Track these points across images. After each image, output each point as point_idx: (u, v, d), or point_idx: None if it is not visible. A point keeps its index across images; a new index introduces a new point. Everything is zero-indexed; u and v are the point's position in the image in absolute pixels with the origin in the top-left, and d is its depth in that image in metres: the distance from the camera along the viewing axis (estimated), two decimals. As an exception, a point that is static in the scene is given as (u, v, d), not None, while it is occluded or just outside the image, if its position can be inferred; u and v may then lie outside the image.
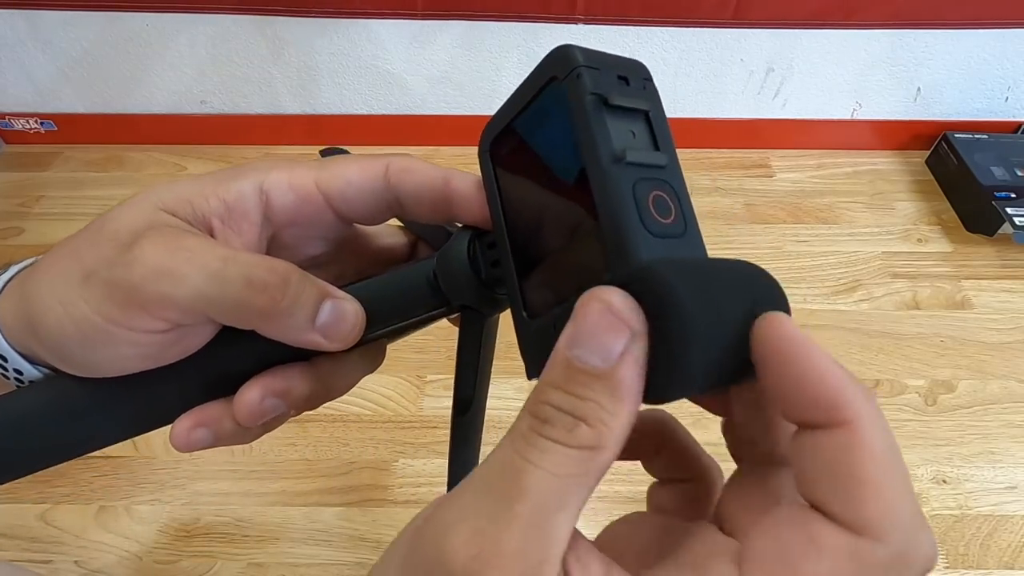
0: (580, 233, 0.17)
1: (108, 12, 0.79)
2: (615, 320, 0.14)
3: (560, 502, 0.14)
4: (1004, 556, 0.54)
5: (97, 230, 0.19)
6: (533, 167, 0.19)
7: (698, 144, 0.93)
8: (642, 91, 0.18)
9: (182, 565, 0.53)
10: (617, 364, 0.14)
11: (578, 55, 0.17)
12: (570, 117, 0.17)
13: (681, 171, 0.18)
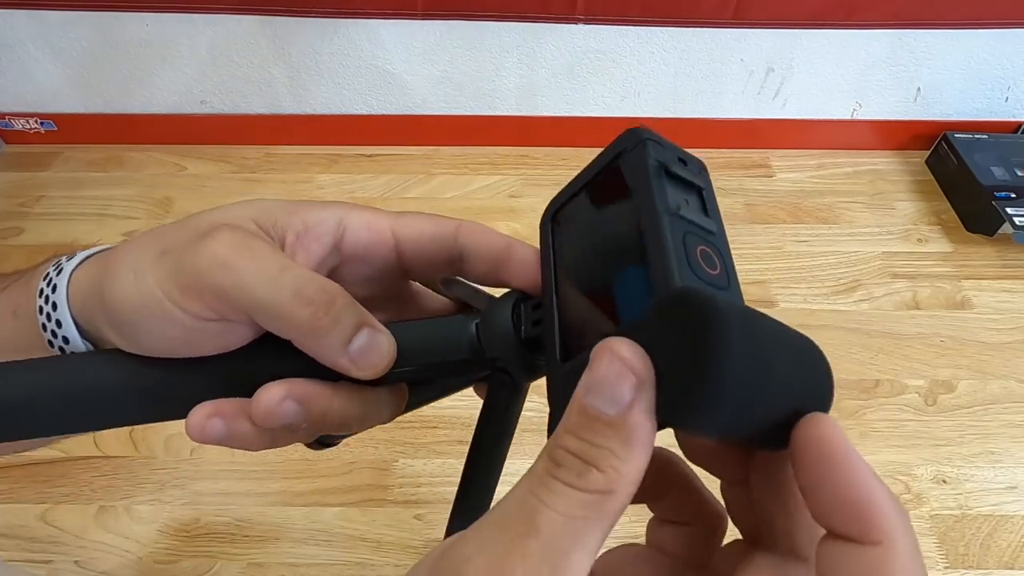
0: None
1: (108, 12, 0.79)
2: (623, 368, 0.15)
3: (573, 542, 0.15)
4: (1004, 556, 0.54)
5: (186, 219, 0.21)
6: (593, 230, 0.21)
7: (698, 144, 0.93)
8: (698, 173, 0.20)
9: (182, 565, 0.53)
10: (627, 411, 0.15)
11: (646, 132, 0.19)
12: (633, 179, 0.19)
13: (729, 247, 0.19)
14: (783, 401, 0.15)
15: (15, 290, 0.24)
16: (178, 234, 0.21)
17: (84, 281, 0.22)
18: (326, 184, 0.87)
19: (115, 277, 0.20)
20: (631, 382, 0.15)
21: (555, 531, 0.15)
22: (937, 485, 0.58)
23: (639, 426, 0.15)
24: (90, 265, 0.22)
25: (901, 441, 0.61)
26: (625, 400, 0.15)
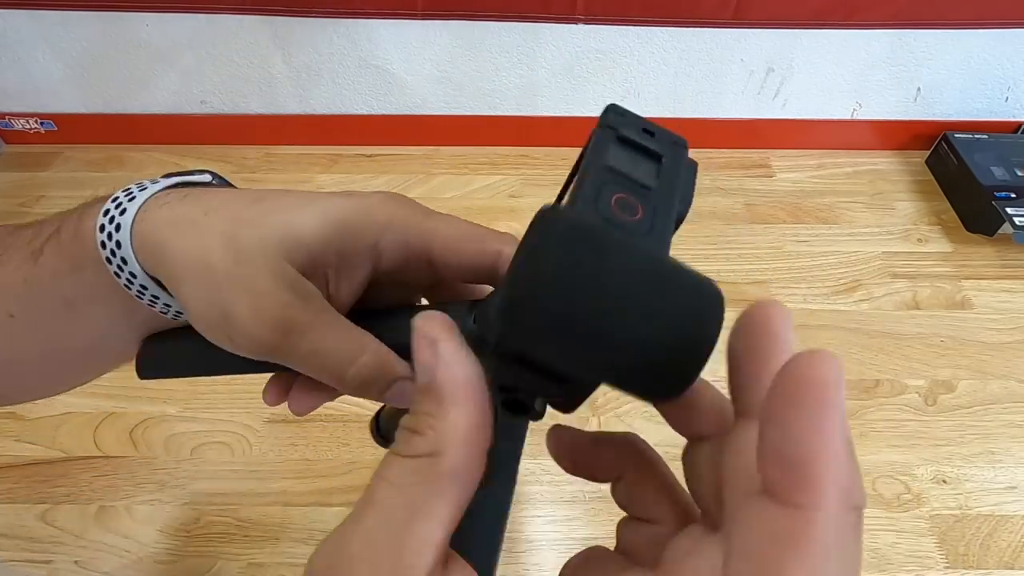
0: None
1: (108, 12, 0.79)
2: (423, 339, 0.16)
3: (412, 511, 0.15)
4: (1004, 556, 0.54)
5: (233, 267, 0.22)
6: None
7: (698, 144, 0.93)
8: (667, 144, 0.19)
9: (182, 565, 0.53)
10: (433, 373, 0.15)
11: (613, 106, 0.19)
12: (587, 146, 0.18)
13: (672, 206, 0.18)
14: (643, 333, 0.14)
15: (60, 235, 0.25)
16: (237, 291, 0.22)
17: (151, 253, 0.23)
18: (326, 184, 0.87)
19: (183, 294, 0.22)
20: (431, 348, 0.16)
21: (391, 502, 0.15)
22: (937, 485, 0.58)
23: (446, 382, 0.15)
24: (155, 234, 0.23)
25: (901, 441, 0.61)
26: (430, 366, 0.15)
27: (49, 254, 0.25)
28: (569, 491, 0.57)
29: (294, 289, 0.22)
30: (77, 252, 0.24)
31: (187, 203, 0.23)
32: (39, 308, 0.25)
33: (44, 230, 0.25)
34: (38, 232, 0.25)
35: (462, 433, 0.15)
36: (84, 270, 0.24)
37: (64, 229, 0.25)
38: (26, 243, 0.25)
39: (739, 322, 0.16)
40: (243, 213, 0.22)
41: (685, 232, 0.76)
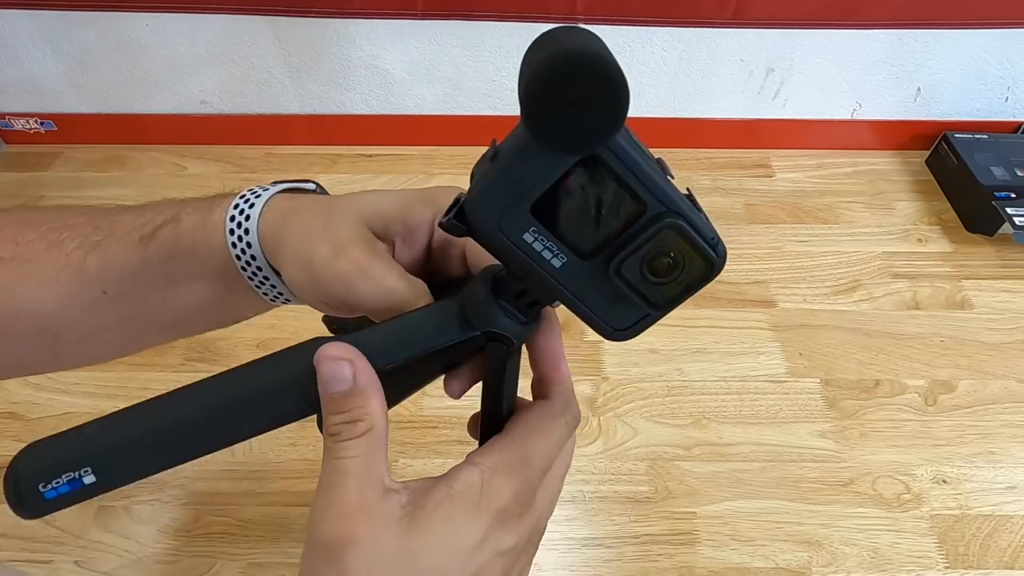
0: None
1: (108, 12, 0.79)
2: (336, 363, 0.23)
3: (372, 466, 0.23)
4: (1004, 556, 0.54)
5: (325, 225, 0.28)
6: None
7: (698, 144, 0.93)
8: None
9: (182, 565, 0.53)
10: (355, 377, 0.23)
11: None
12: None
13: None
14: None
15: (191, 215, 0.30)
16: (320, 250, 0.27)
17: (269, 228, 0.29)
18: (326, 184, 0.87)
19: (284, 259, 0.29)
20: (347, 364, 0.23)
21: (360, 467, 0.23)
22: (937, 485, 0.58)
23: (365, 383, 0.23)
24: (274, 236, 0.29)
25: (901, 441, 0.61)
26: (348, 375, 0.23)
27: (164, 238, 0.29)
28: (569, 491, 0.57)
29: (367, 241, 0.28)
30: (200, 239, 0.29)
31: (298, 199, 0.30)
32: (140, 286, 0.30)
33: (155, 218, 0.30)
34: (147, 219, 0.30)
35: (380, 410, 0.23)
36: (199, 255, 0.30)
37: (185, 219, 0.30)
38: (133, 229, 0.30)
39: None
40: (337, 199, 0.29)
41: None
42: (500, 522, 0.23)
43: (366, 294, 0.27)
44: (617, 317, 0.24)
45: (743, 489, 0.58)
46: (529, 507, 0.25)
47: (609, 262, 0.22)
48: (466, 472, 0.24)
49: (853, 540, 0.55)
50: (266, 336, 0.67)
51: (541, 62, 0.19)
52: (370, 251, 0.28)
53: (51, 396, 0.63)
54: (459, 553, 0.23)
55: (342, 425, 0.23)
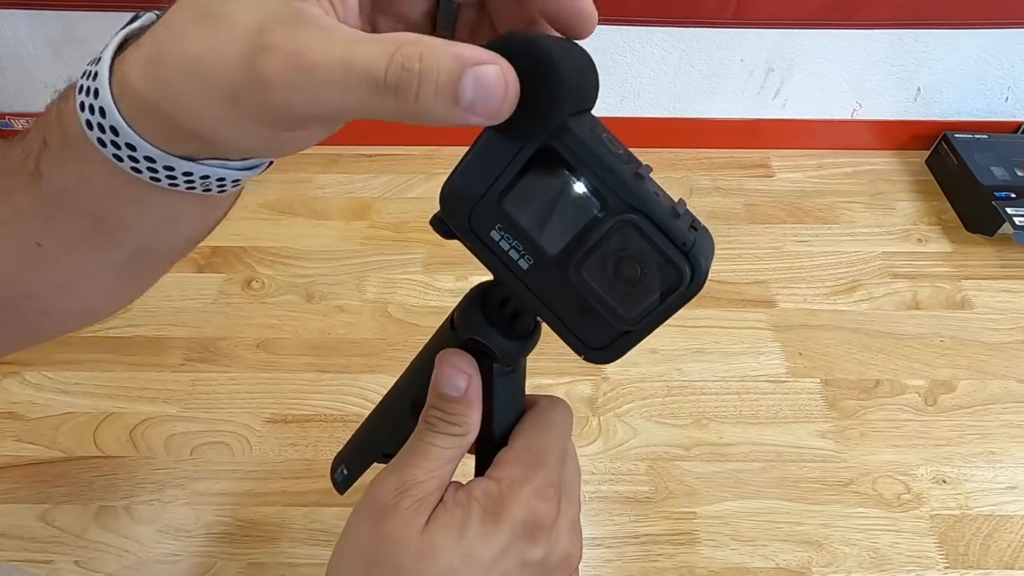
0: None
1: (108, 12, 0.79)
2: (456, 372, 0.25)
3: (448, 462, 0.26)
4: (1004, 556, 0.54)
5: (215, 30, 0.18)
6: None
7: (698, 144, 0.93)
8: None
9: (182, 565, 0.53)
10: (467, 391, 0.25)
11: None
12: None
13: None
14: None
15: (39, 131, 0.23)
16: (225, 57, 0.18)
17: (144, 116, 0.20)
18: (326, 184, 0.87)
19: (189, 114, 0.19)
20: (464, 376, 0.25)
21: (437, 456, 0.25)
22: (937, 485, 0.58)
23: (474, 397, 0.26)
24: (137, 82, 0.20)
25: (901, 441, 0.61)
26: (463, 386, 0.25)
27: (47, 169, 0.22)
28: (569, 491, 0.57)
29: (286, 15, 0.18)
30: (74, 154, 0.22)
31: (144, 45, 0.21)
32: (65, 230, 0.24)
33: (32, 147, 0.23)
34: (27, 151, 0.23)
35: (476, 423, 0.26)
36: (87, 175, 0.22)
37: (50, 136, 0.22)
38: (20, 166, 0.23)
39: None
40: (205, 3, 0.19)
41: (685, 232, 0.73)
42: (525, 533, 0.24)
43: (327, 99, 0.19)
44: (591, 334, 0.22)
45: (743, 489, 0.58)
46: (554, 511, 0.25)
47: (576, 265, 0.21)
48: (485, 483, 0.25)
49: (853, 540, 0.55)
50: (266, 336, 0.67)
51: (502, 40, 0.19)
52: (299, 32, 0.18)
53: (51, 396, 0.63)
54: (478, 561, 0.23)
55: (440, 421, 0.26)
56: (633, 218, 0.19)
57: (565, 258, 0.21)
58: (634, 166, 0.21)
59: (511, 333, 0.25)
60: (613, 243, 0.20)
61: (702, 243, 0.20)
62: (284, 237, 0.80)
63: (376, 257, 0.78)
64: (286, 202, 0.85)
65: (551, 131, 0.19)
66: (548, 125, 0.19)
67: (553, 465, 0.25)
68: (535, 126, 0.19)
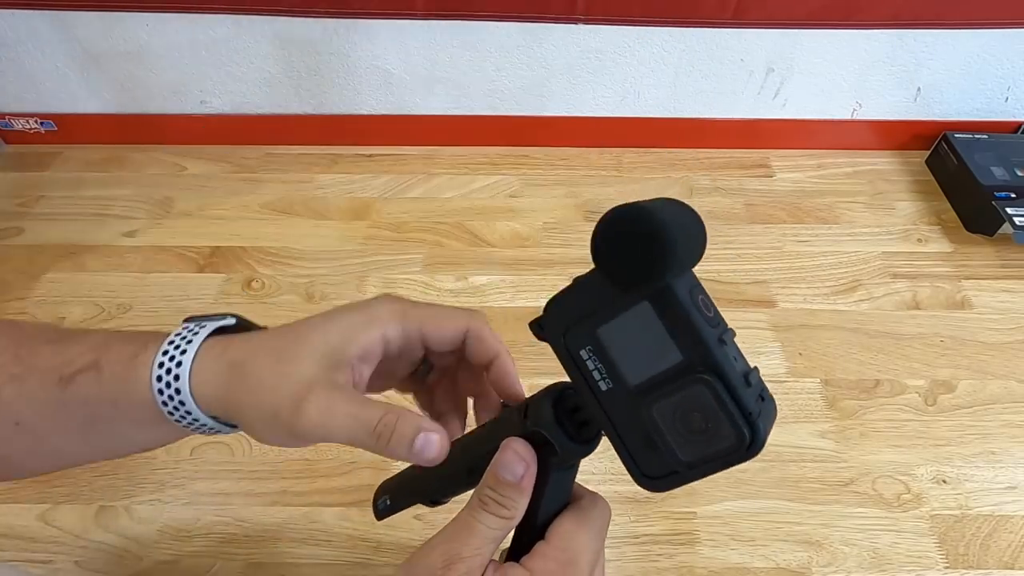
0: None
1: (108, 12, 0.79)
2: (517, 457, 0.28)
3: (491, 541, 0.27)
4: (1004, 556, 0.54)
5: (283, 375, 0.28)
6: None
7: (698, 144, 0.93)
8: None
9: (182, 565, 0.53)
10: (521, 480, 0.28)
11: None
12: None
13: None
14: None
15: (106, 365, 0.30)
16: (279, 399, 0.28)
17: (213, 399, 0.29)
18: (326, 184, 0.87)
19: (248, 426, 0.29)
20: (523, 465, 0.28)
21: (484, 535, 0.27)
22: (937, 485, 0.58)
23: (527, 487, 0.28)
24: (214, 379, 0.29)
25: (901, 441, 0.61)
26: (520, 473, 0.28)
27: (84, 384, 0.29)
28: None
29: (326, 384, 0.28)
30: (121, 392, 0.29)
31: (230, 348, 0.30)
32: (55, 423, 0.30)
33: (75, 360, 0.30)
34: (67, 360, 0.30)
35: (523, 509, 0.28)
36: (120, 405, 0.30)
37: (106, 369, 0.29)
38: (52, 367, 0.30)
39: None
40: (280, 341, 0.30)
41: (685, 232, 0.73)
42: None
43: (338, 433, 0.28)
44: (649, 463, 0.25)
45: (743, 489, 0.58)
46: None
47: (648, 402, 0.24)
48: (521, 572, 0.27)
49: (853, 540, 0.55)
50: (266, 336, 0.67)
51: (608, 213, 0.23)
52: (334, 391, 0.28)
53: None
54: None
55: (492, 502, 0.28)
56: (710, 379, 0.22)
57: (641, 393, 0.24)
58: (720, 330, 0.23)
59: (576, 437, 0.28)
60: (687, 394, 0.22)
61: (767, 412, 0.23)
62: (284, 237, 0.80)
63: (376, 257, 0.78)
64: (286, 202, 0.85)
65: (655, 290, 0.22)
66: (653, 285, 0.22)
67: (583, 566, 0.27)
68: (642, 283, 0.22)
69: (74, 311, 0.71)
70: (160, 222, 0.82)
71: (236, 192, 0.86)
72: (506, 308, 0.72)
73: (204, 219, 0.82)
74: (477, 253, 0.78)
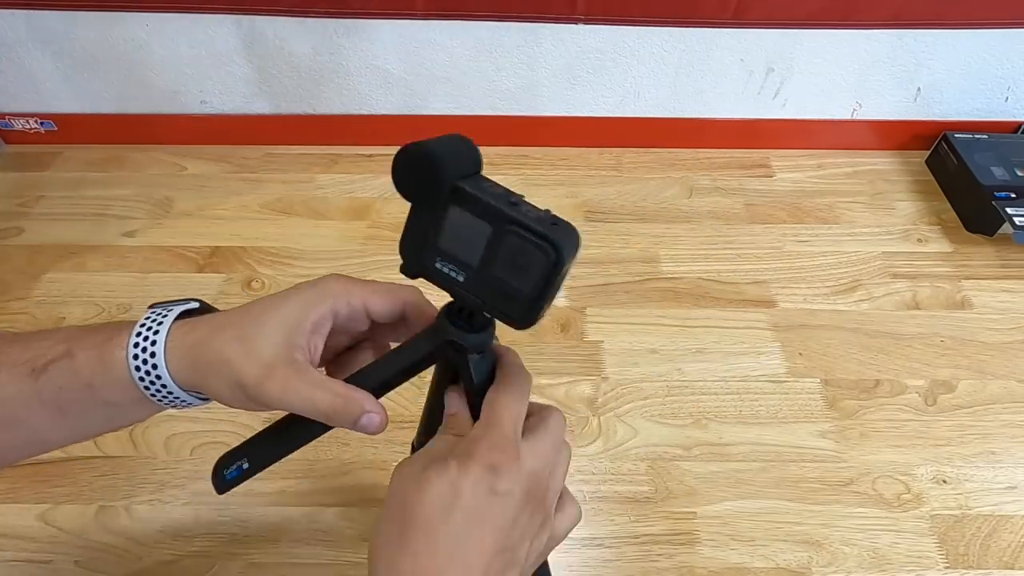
0: None
1: (108, 12, 0.79)
2: (455, 403, 0.36)
3: (451, 454, 0.31)
4: (1004, 556, 0.54)
5: (246, 353, 0.33)
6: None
7: (698, 144, 0.93)
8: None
9: (182, 565, 0.53)
10: (460, 417, 0.35)
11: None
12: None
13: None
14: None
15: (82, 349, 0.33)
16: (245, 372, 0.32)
17: (181, 369, 0.33)
18: (326, 184, 0.87)
19: (215, 391, 0.34)
20: (459, 407, 0.36)
21: (443, 450, 0.32)
22: (937, 485, 0.58)
23: (466, 423, 0.35)
24: (180, 353, 0.33)
25: (901, 441, 0.61)
26: (458, 412, 0.35)
27: (57, 372, 0.32)
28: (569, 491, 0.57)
29: (287, 360, 0.33)
30: (97, 373, 0.33)
31: (198, 327, 0.33)
32: (28, 411, 0.33)
33: (46, 352, 0.33)
34: (38, 353, 0.33)
35: (466, 427, 0.34)
36: (96, 386, 0.33)
37: (80, 355, 0.33)
38: (23, 361, 0.33)
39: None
40: (243, 319, 0.34)
41: (685, 232, 0.76)
42: (489, 469, 0.31)
43: (296, 406, 0.33)
44: (514, 310, 0.31)
45: (743, 489, 0.58)
46: (509, 454, 0.32)
47: (489, 267, 0.31)
48: (445, 437, 0.34)
49: (853, 540, 0.55)
50: (266, 336, 0.67)
51: (394, 158, 0.30)
52: (292, 369, 0.33)
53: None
54: (458, 489, 0.30)
55: (448, 430, 0.35)
56: (511, 228, 0.29)
57: (484, 266, 0.31)
58: (508, 197, 0.30)
59: (472, 329, 0.34)
60: (507, 247, 0.30)
61: (563, 229, 0.30)
62: (284, 237, 0.80)
63: (376, 257, 0.78)
64: (286, 202, 0.85)
65: (452, 195, 0.30)
66: (448, 192, 0.30)
67: (506, 425, 0.33)
68: (439, 194, 0.30)
69: (74, 311, 0.71)
70: (160, 222, 0.82)
71: (236, 192, 0.86)
72: (506, 308, 0.72)
73: (204, 219, 0.82)
74: (477, 253, 0.78)
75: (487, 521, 0.31)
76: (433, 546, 0.30)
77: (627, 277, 0.76)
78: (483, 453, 0.31)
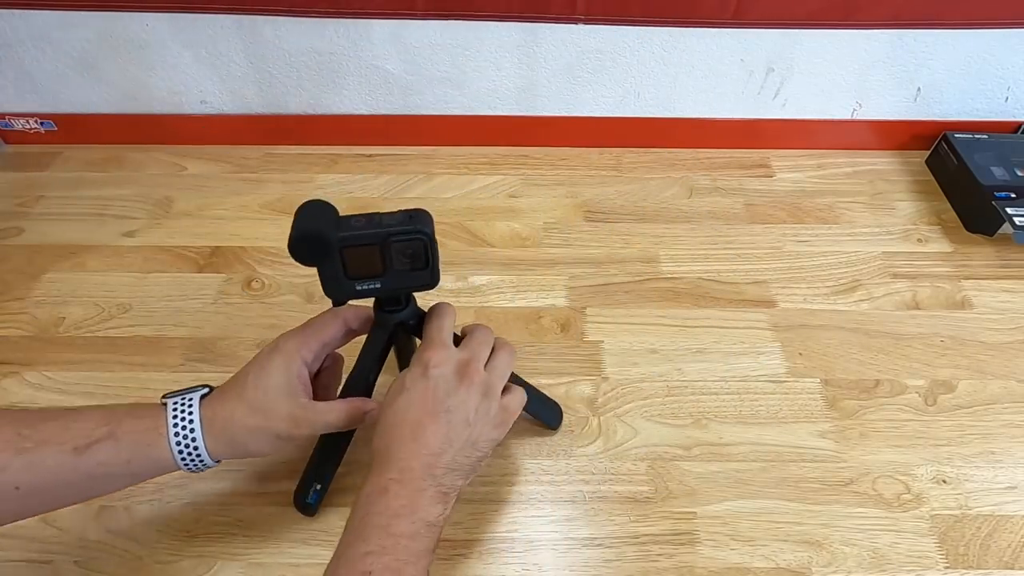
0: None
1: (108, 12, 0.79)
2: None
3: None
4: (1004, 556, 0.54)
5: (267, 418, 0.46)
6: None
7: (698, 144, 0.93)
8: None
9: (182, 565, 0.53)
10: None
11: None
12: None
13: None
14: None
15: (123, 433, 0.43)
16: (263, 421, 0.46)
17: (213, 444, 0.45)
18: (326, 184, 0.87)
19: (253, 449, 0.47)
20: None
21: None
22: (937, 485, 0.58)
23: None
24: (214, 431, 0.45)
25: (901, 441, 0.61)
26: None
27: (100, 451, 0.40)
28: (569, 491, 0.57)
29: (298, 407, 0.46)
30: (138, 452, 0.42)
31: (218, 410, 0.45)
32: (61, 482, 0.40)
33: (90, 433, 0.40)
34: (80, 433, 0.40)
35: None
36: (133, 463, 0.42)
37: (124, 438, 0.41)
38: (65, 440, 0.40)
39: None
40: (252, 391, 0.45)
41: (685, 232, 0.76)
42: (429, 364, 0.45)
43: (322, 430, 0.48)
44: (424, 280, 0.46)
45: (743, 489, 0.58)
46: (442, 355, 0.46)
47: (391, 268, 0.45)
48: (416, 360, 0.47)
49: (853, 540, 0.55)
50: (266, 336, 0.67)
51: (291, 235, 0.42)
52: (306, 410, 0.46)
53: (51, 396, 0.63)
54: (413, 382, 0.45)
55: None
56: (389, 239, 0.43)
57: (387, 270, 0.45)
58: (371, 220, 0.43)
59: (406, 307, 0.50)
60: (393, 250, 0.44)
61: (419, 217, 0.44)
62: (284, 237, 0.79)
63: (376, 257, 0.78)
64: (286, 202, 0.85)
65: (336, 244, 0.42)
66: (334, 243, 0.42)
67: (433, 333, 0.47)
68: (331, 252, 0.43)
69: (74, 311, 0.71)
70: (160, 222, 0.82)
71: (236, 192, 0.86)
72: (506, 308, 0.72)
73: (204, 219, 0.82)
74: (476, 253, 0.78)
75: (426, 392, 0.44)
76: (390, 419, 0.44)
77: (627, 277, 0.76)
78: (418, 355, 0.46)
